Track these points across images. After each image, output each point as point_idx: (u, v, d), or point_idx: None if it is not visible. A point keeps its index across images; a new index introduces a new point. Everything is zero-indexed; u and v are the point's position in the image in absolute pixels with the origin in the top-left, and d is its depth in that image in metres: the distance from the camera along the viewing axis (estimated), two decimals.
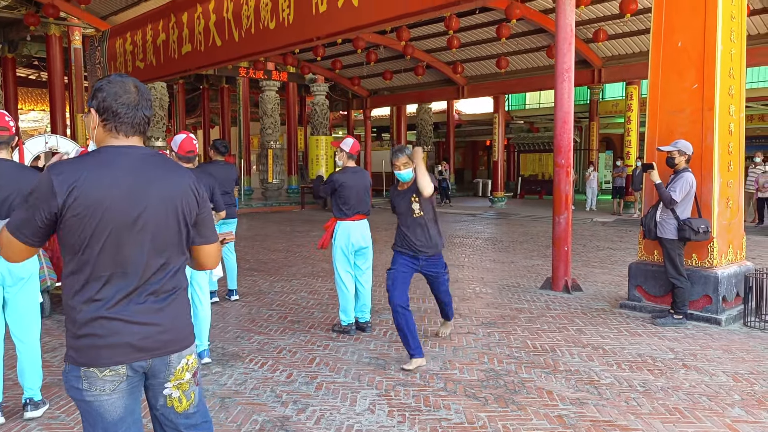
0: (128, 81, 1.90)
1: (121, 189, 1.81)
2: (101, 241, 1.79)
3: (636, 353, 4.81)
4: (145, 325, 1.86)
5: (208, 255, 2.07)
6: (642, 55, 15.05)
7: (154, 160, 1.92)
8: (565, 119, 7.16)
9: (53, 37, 18.01)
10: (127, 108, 1.86)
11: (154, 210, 1.86)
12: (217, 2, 11.20)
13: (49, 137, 6.80)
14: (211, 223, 2.06)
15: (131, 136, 1.90)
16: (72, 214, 1.76)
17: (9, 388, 3.86)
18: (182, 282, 1.97)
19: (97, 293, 1.82)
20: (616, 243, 11.52)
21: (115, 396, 1.85)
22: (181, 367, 1.95)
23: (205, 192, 2.03)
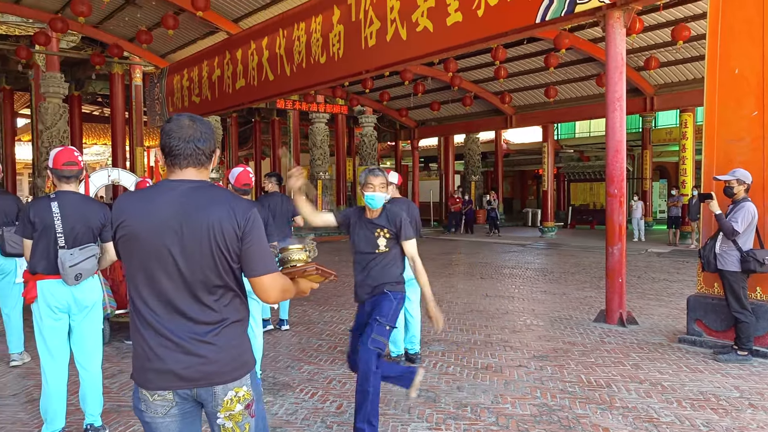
0: (183, 117, 1.99)
1: (157, 222, 1.89)
2: (141, 270, 1.91)
3: (698, 391, 4.61)
4: (188, 355, 1.90)
5: (261, 287, 1.97)
6: (696, 82, 14.73)
7: (197, 193, 1.93)
8: (617, 148, 7.05)
9: (116, 75, 18.98)
10: (179, 141, 1.94)
11: (192, 243, 1.89)
12: (270, 39, 11.60)
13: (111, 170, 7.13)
14: (263, 255, 1.97)
15: (185, 168, 1.96)
16: (120, 244, 1.94)
17: (71, 413, 3.99)
18: (232, 314, 1.96)
19: (144, 320, 1.92)
20: (673, 275, 11.14)
21: (168, 419, 1.94)
22: (229, 398, 1.95)
23: (253, 222, 1.94)
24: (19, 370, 5.25)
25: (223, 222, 1.89)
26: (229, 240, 1.90)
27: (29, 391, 4.65)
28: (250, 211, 1.95)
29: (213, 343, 1.92)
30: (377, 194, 3.71)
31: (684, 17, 12.36)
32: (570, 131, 28.78)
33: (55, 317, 3.58)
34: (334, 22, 10.02)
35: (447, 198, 23.58)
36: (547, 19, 7.04)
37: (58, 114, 15.92)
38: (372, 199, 3.72)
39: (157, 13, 13.59)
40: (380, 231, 3.77)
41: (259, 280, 1.96)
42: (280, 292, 2.02)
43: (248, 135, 30.53)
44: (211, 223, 1.89)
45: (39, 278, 3.56)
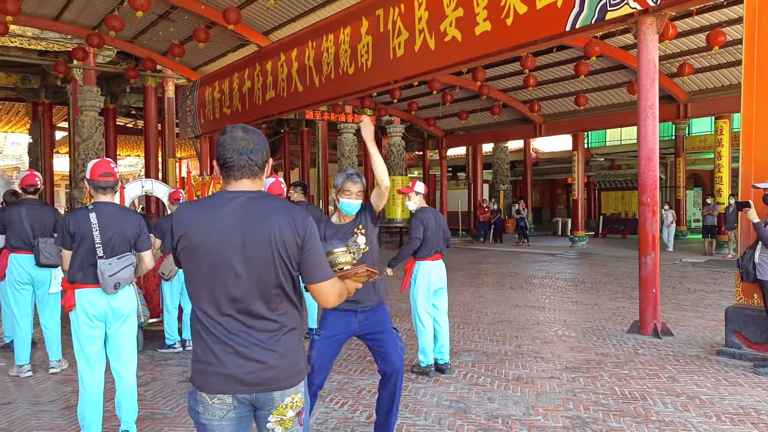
0: (237, 129, 2.05)
1: (219, 233, 1.95)
2: (203, 280, 1.97)
3: (737, 405, 4.48)
4: (250, 361, 1.96)
5: (321, 292, 2.04)
6: (732, 88, 14.43)
7: (257, 203, 1.99)
8: (649, 157, 6.93)
9: (149, 88, 19.38)
10: (233, 153, 2.00)
11: (253, 252, 1.94)
12: (299, 50, 11.75)
13: (145, 181, 7.27)
14: (320, 262, 2.04)
15: (240, 179, 2.02)
16: (182, 255, 2.00)
17: (107, 419, 4.05)
18: (290, 322, 2.02)
19: (206, 327, 1.98)
20: (709, 285, 10.87)
21: (225, 423, 2.00)
22: (284, 404, 2.01)
23: (311, 231, 2.00)
24: (57, 376, 5.37)
25: (284, 231, 1.95)
26: (290, 249, 1.96)
27: (67, 398, 4.75)
28: (308, 220, 2.01)
29: (273, 349, 1.97)
30: (353, 201, 3.49)
31: (719, 22, 12.13)
32: (601, 139, 28.43)
33: (92, 325, 3.66)
34: (362, 33, 10.10)
35: (475, 207, 23.46)
36: (577, 26, 6.99)
37: (94, 126, 16.32)
38: (348, 206, 3.50)
39: (190, 27, 13.87)
40: (357, 230, 3.54)
41: (318, 287, 2.03)
42: (337, 296, 2.08)
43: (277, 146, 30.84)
44: (273, 232, 1.94)
45: (77, 287, 3.65)
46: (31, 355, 5.54)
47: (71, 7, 13.96)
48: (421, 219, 5.33)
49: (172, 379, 5.29)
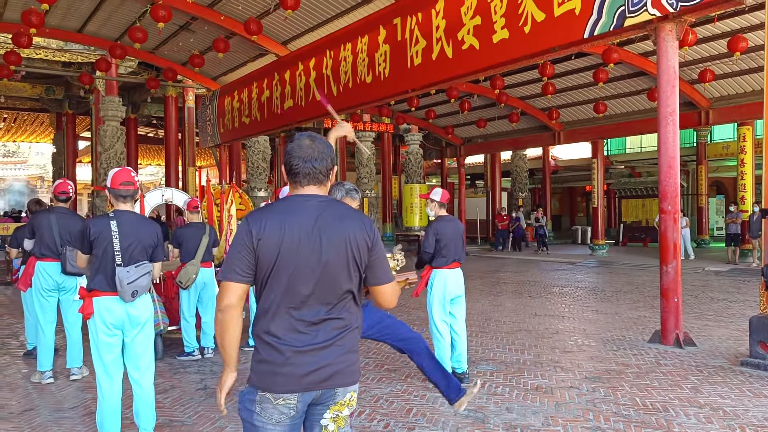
0: (303, 138, 2.13)
1: (296, 234, 2.02)
2: (277, 279, 2.03)
3: (762, 417, 4.38)
4: (319, 358, 2.03)
5: (384, 294, 2.16)
6: (755, 94, 14.23)
7: (330, 208, 2.10)
8: (670, 164, 6.85)
9: (170, 98, 19.68)
10: (298, 161, 2.09)
11: (329, 253, 2.03)
12: (317, 60, 11.83)
13: (165, 190, 7.36)
14: (385, 265, 2.16)
15: (306, 185, 2.11)
16: (259, 254, 2.03)
17: (126, 426, 4.09)
18: (354, 320, 2.11)
19: (275, 325, 2.03)
20: (733, 294, 10.68)
21: (279, 428, 2.03)
22: (344, 400, 2.09)
23: (378, 236, 2.14)
24: (78, 383, 5.43)
25: (357, 234, 2.07)
26: (362, 251, 2.08)
27: (87, 405, 4.80)
28: (374, 225, 2.16)
29: (340, 346, 2.06)
30: None
31: (740, 28, 11.98)
32: (620, 147, 28.15)
33: (109, 333, 3.70)
34: (380, 42, 10.15)
35: (494, 215, 23.35)
36: (596, 34, 6.95)
37: (115, 136, 16.59)
38: None
39: (210, 37, 14.05)
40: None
41: (383, 288, 2.16)
42: (396, 298, 2.21)
43: None
44: (348, 235, 2.06)
45: (95, 295, 3.69)
46: (53, 361, 5.62)
47: (94, 19, 14.22)
48: (435, 230, 5.29)
49: (190, 387, 5.32)
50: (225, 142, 16.90)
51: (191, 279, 6.17)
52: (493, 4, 8.16)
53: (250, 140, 17.92)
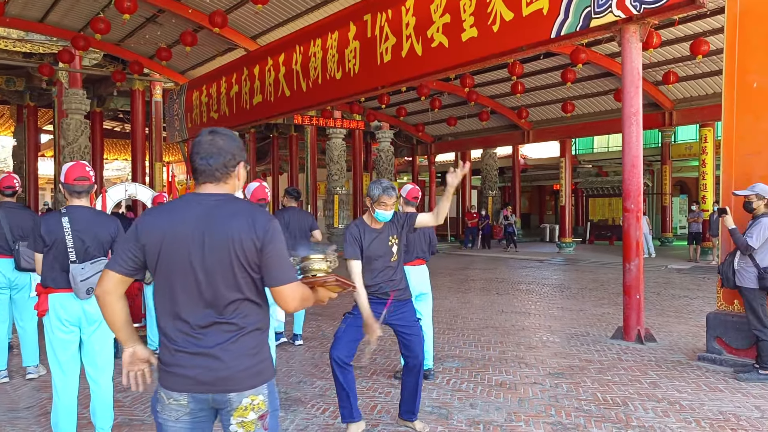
0: (204, 135, 2.07)
1: (179, 235, 1.98)
2: (162, 280, 2.00)
3: (717, 410, 4.50)
4: (206, 361, 1.97)
5: (283, 297, 2.04)
6: (716, 97, 14.58)
7: (219, 206, 2.01)
8: (633, 163, 6.98)
9: (137, 91, 19.29)
10: (197, 158, 2.05)
11: (212, 254, 1.97)
12: (286, 55, 11.74)
13: (128, 185, 7.22)
14: (282, 265, 2.03)
15: (202, 183, 2.06)
16: (145, 253, 2.01)
17: (82, 426, 4.00)
18: (250, 323, 2.02)
19: (166, 326, 2.02)
20: (693, 291, 10.95)
21: (179, 425, 2.01)
22: (243, 405, 2.00)
23: (272, 234, 2.01)
24: (34, 382, 5.29)
25: (242, 234, 1.97)
26: (249, 252, 1.98)
27: (43, 404, 4.68)
28: (270, 223, 2.03)
29: (230, 350, 1.98)
30: (388, 212, 3.91)
31: (702, 31, 12.27)
32: (588, 146, 28.61)
33: (65, 331, 3.60)
34: (350, 38, 10.11)
35: (464, 213, 23.51)
36: (563, 34, 7.04)
37: (79, 130, 16.20)
38: (383, 216, 3.92)
39: (177, 30, 13.82)
40: (392, 239, 3.99)
41: (279, 290, 2.04)
42: (300, 301, 2.08)
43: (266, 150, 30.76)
44: (231, 236, 1.96)
45: (50, 292, 3.59)
46: (7, 360, 5.46)
47: (57, 9, 13.87)
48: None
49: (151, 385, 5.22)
50: (193, 137, 16.63)
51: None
52: (462, 2, 8.21)
53: None
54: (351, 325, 3.92)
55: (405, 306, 4.04)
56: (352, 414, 3.89)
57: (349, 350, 3.87)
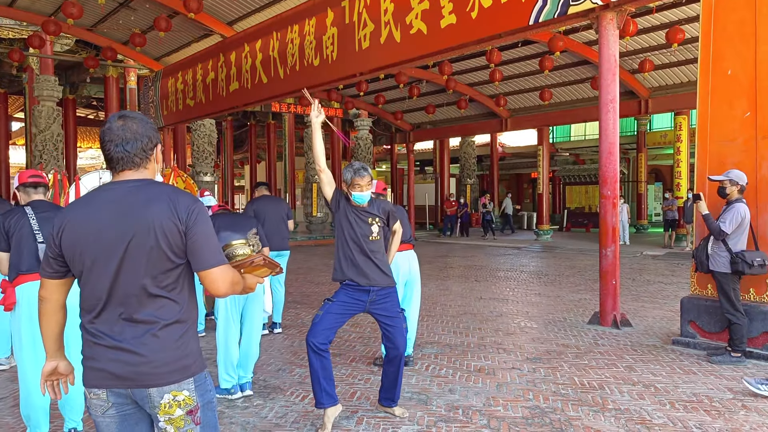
0: (114, 119, 1.97)
1: (100, 224, 1.90)
2: (84, 272, 1.92)
3: (691, 392, 4.59)
4: (123, 355, 1.90)
5: (211, 280, 1.95)
6: (691, 85, 14.77)
7: (137, 192, 1.93)
8: (610, 150, 7.04)
9: (111, 78, 18.91)
10: (111, 145, 1.94)
11: (133, 243, 1.88)
12: (263, 41, 11.58)
13: (103, 173, 7.08)
14: (210, 248, 1.95)
15: (121, 171, 1.96)
16: (63, 246, 1.93)
17: (56, 417, 3.93)
18: (170, 315, 1.93)
19: (87, 319, 1.95)
20: (668, 277, 11.13)
21: (107, 419, 1.96)
22: (166, 402, 1.92)
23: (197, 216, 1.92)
24: (6, 374, 5.19)
25: (163, 219, 1.88)
26: (171, 236, 1.89)
27: (16, 395, 4.58)
28: (194, 205, 1.94)
29: (148, 344, 1.89)
30: (364, 193, 3.91)
31: (678, 20, 12.39)
32: (565, 134, 28.85)
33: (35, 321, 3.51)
34: (327, 24, 10.00)
35: (442, 201, 23.57)
36: (541, 20, 7.04)
37: (51, 117, 15.86)
38: (360, 198, 3.92)
39: (151, 15, 13.56)
40: (372, 219, 3.95)
41: (207, 273, 1.94)
42: (229, 284, 1.99)
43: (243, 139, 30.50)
44: (151, 221, 1.87)
45: (20, 281, 3.50)
46: None
47: None
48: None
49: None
50: (169, 124, 16.41)
51: None
52: None
53: (196, 123, 17.46)
54: (329, 311, 3.88)
55: (388, 295, 3.98)
56: (325, 399, 3.84)
57: (326, 337, 3.82)
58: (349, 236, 3.91)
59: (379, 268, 3.92)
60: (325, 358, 3.81)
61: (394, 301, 4.02)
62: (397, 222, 4.22)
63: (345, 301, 3.90)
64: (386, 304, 3.96)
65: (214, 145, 19.07)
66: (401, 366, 4.06)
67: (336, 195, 3.97)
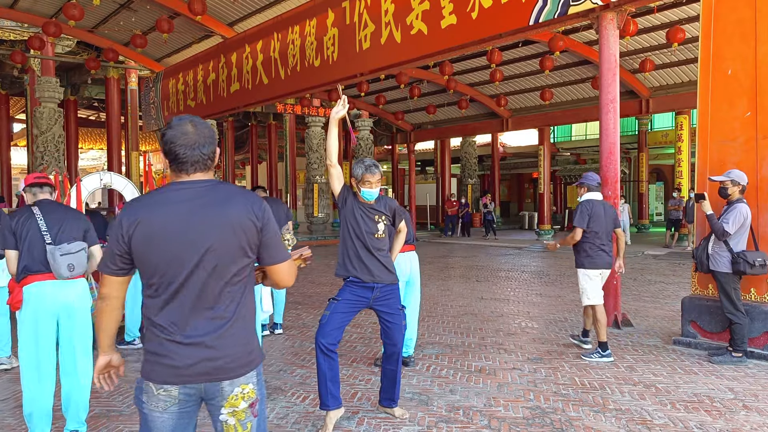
0: (185, 123, 2.02)
1: (177, 222, 1.94)
2: (155, 270, 1.95)
3: (692, 392, 4.59)
4: (198, 351, 1.95)
5: (281, 273, 2.11)
6: (692, 85, 14.75)
7: (213, 191, 2.00)
8: (610, 150, 7.04)
9: (112, 79, 18.95)
10: (185, 149, 1.99)
11: (212, 241, 1.95)
12: (264, 42, 11.59)
13: (104, 174, 7.08)
14: (279, 243, 2.10)
15: (192, 173, 2.02)
16: (134, 245, 1.95)
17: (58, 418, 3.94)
18: (243, 310, 2.02)
19: (159, 316, 1.96)
20: (669, 276, 11.12)
21: (166, 415, 1.98)
22: (235, 394, 2.00)
23: (269, 214, 2.06)
24: (8, 375, 5.20)
25: (242, 217, 1.98)
26: (250, 233, 2.00)
27: (18, 396, 4.58)
28: (264, 204, 2.07)
29: (224, 338, 1.97)
30: (373, 190, 3.92)
31: (679, 19, 12.39)
32: (566, 134, 28.82)
33: (42, 322, 3.53)
34: (328, 25, 10.01)
35: (443, 201, 23.57)
36: (541, 20, 7.04)
37: (53, 118, 15.88)
38: (369, 194, 3.92)
39: (152, 17, 13.58)
40: (379, 216, 3.97)
41: (279, 267, 2.10)
42: (293, 277, 2.17)
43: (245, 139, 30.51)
44: (231, 219, 1.97)
45: (27, 281, 3.51)
46: None
47: None
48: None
49: (130, 376, 5.16)
50: None
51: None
52: None
53: None
54: (335, 311, 3.88)
55: (391, 292, 4.01)
56: (331, 401, 3.84)
57: (334, 337, 3.82)
58: (355, 233, 3.92)
59: (384, 265, 3.94)
60: (333, 360, 3.81)
61: (396, 298, 4.06)
62: (402, 221, 4.25)
63: (349, 299, 3.91)
64: (389, 300, 4.00)
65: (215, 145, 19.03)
66: (399, 363, 4.08)
67: (343, 191, 3.99)
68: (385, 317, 4.01)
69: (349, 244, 3.94)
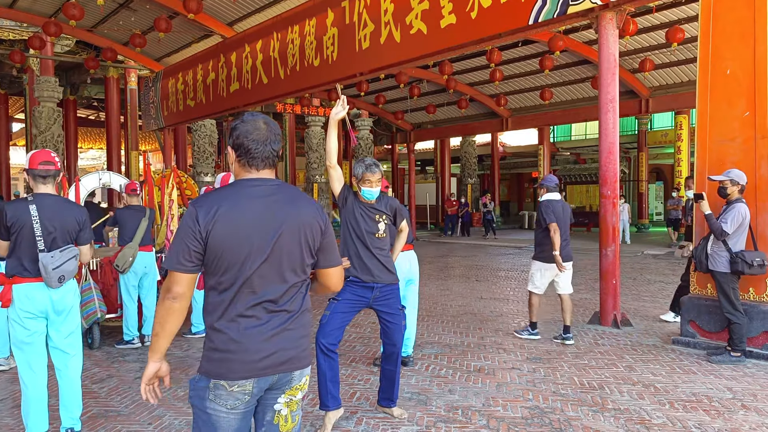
0: (258, 119, 2.08)
1: (253, 218, 1.98)
2: (229, 266, 1.97)
3: (690, 392, 4.59)
4: (274, 343, 2.02)
5: (334, 277, 2.21)
6: (691, 84, 14.76)
7: (285, 192, 2.08)
8: (610, 150, 7.04)
9: (111, 79, 18.93)
10: (257, 144, 2.05)
11: (283, 238, 2.02)
12: (264, 42, 11.59)
13: (102, 174, 7.09)
14: (336, 248, 2.19)
15: (262, 169, 2.08)
16: (212, 240, 1.96)
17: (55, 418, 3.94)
18: (306, 303, 2.13)
19: (228, 313, 1.98)
20: (668, 276, 11.12)
21: (232, 415, 2.01)
22: (300, 384, 2.11)
23: (328, 219, 2.15)
24: (6, 375, 5.20)
25: (310, 218, 2.08)
26: (316, 234, 2.09)
27: (16, 396, 4.59)
28: (323, 209, 2.18)
29: (293, 330, 2.05)
30: (374, 189, 3.94)
31: (678, 19, 12.39)
32: (566, 134, 28.84)
33: (32, 321, 3.51)
34: (328, 24, 10.01)
35: (443, 201, 23.57)
36: (540, 20, 7.04)
37: (52, 118, 15.87)
38: (369, 193, 3.94)
39: (151, 16, 13.57)
40: (379, 216, 3.99)
41: (333, 270, 2.20)
42: (342, 281, 2.28)
43: None
44: (303, 219, 2.06)
45: (16, 282, 3.49)
46: None
47: None
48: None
49: (128, 376, 5.17)
50: (169, 125, 16.41)
51: (128, 262, 5.98)
52: None
53: (196, 124, 17.47)
54: (336, 311, 3.90)
55: (392, 292, 4.02)
56: (331, 402, 3.84)
57: (335, 337, 3.83)
58: (355, 233, 3.94)
59: (384, 265, 3.95)
60: (333, 360, 3.82)
61: (396, 298, 4.06)
62: (404, 221, 4.25)
63: (350, 299, 3.92)
64: (389, 300, 4.00)
65: (215, 145, 19.10)
66: (398, 363, 4.08)
67: (344, 190, 4.01)
68: (385, 317, 4.01)
69: (350, 244, 3.95)
